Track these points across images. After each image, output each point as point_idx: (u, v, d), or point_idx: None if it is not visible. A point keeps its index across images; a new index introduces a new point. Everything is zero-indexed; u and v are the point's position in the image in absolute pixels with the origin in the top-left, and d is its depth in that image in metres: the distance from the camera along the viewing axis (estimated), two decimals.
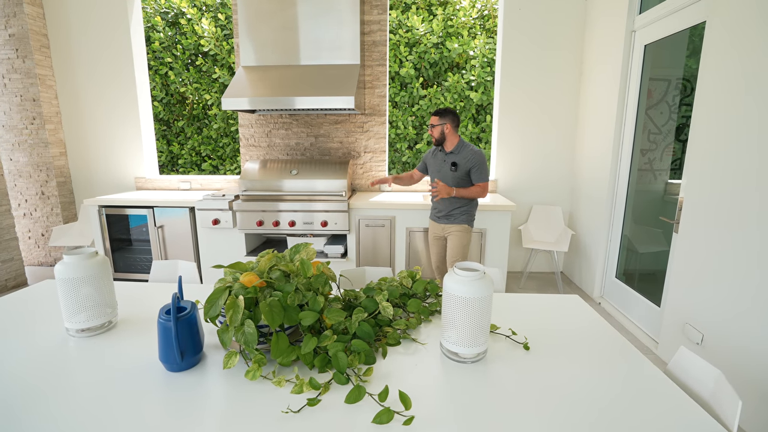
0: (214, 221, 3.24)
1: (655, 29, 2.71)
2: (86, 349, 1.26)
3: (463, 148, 2.56)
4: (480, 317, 1.20)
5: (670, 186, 3.11)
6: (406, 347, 1.33)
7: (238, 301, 1.14)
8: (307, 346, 1.17)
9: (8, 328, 1.40)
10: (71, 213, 4.15)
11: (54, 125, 3.93)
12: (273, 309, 1.16)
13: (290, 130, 3.75)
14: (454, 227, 2.68)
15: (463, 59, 5.26)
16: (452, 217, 2.68)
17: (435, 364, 1.21)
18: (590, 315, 1.54)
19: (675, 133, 3.06)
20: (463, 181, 2.59)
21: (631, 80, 2.95)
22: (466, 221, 2.68)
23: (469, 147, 2.56)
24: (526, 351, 1.29)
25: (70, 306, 1.32)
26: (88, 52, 3.88)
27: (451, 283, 1.23)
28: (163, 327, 1.16)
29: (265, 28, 3.27)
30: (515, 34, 3.56)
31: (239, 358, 1.15)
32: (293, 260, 1.40)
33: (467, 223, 2.68)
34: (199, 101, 6.02)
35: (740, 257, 1.90)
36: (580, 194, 3.65)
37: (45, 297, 1.67)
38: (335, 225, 3.17)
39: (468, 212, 2.68)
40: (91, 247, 1.47)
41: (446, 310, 1.24)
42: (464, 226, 2.67)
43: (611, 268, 3.24)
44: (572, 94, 3.65)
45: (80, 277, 1.32)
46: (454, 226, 2.68)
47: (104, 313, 1.38)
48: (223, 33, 5.54)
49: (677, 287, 2.35)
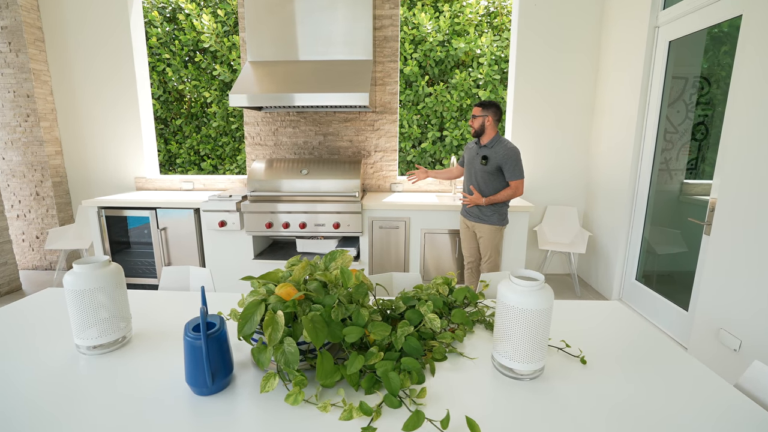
0: (220, 223, 3.10)
1: (681, 25, 2.63)
2: (100, 369, 1.14)
3: (498, 143, 2.50)
4: (540, 331, 1.10)
5: (686, 186, 3.04)
6: (454, 362, 1.22)
7: (277, 317, 1.02)
8: (354, 366, 1.06)
9: (10, 343, 1.26)
10: (67, 214, 3.97)
11: (49, 122, 3.75)
12: (316, 325, 1.04)
13: (298, 128, 3.62)
14: (485, 227, 2.62)
15: (470, 57, 5.16)
16: (482, 218, 2.62)
17: (489, 382, 1.10)
18: (637, 323, 1.45)
19: (691, 132, 2.99)
20: (492, 177, 2.52)
21: (654, 77, 2.87)
22: (497, 221, 2.61)
23: (504, 142, 2.50)
24: (582, 365, 1.19)
25: (82, 320, 1.19)
26: (85, 46, 3.71)
27: (509, 293, 1.12)
28: (190, 346, 1.03)
29: (273, 22, 3.14)
30: (530, 30, 3.47)
31: (278, 380, 1.03)
32: (328, 268, 1.28)
33: (498, 223, 2.62)
34: (198, 99, 5.86)
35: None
36: (595, 195, 3.57)
37: (47, 308, 1.53)
38: (348, 227, 3.05)
39: (498, 211, 2.62)
40: (104, 256, 1.34)
41: (501, 322, 1.14)
42: (495, 226, 2.61)
43: (631, 270, 3.16)
44: (587, 91, 3.57)
45: (92, 288, 1.19)
46: (484, 226, 2.62)
47: (118, 328, 1.25)
48: (224, 29, 5.38)
49: (709, 291, 2.27)
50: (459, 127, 5.30)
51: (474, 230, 2.71)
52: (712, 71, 2.84)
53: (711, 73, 2.85)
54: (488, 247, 2.65)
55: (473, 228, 2.71)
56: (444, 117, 5.37)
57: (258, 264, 3.22)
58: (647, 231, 3.09)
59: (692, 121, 2.98)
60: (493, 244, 2.64)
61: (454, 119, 5.38)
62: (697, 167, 3.06)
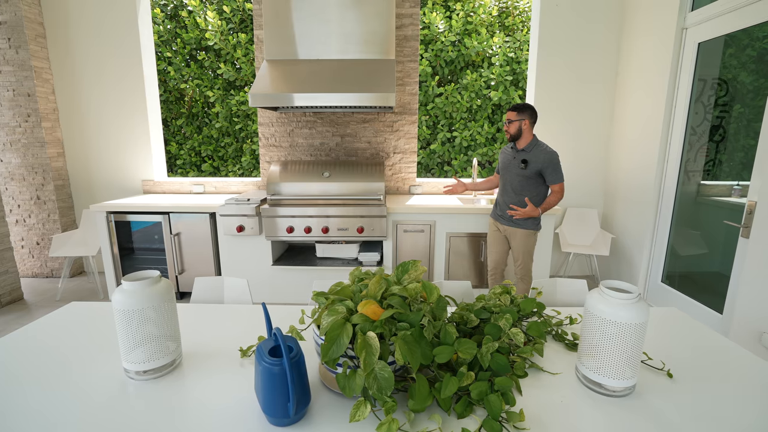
0: (238, 228, 2.98)
1: (712, 27, 2.61)
2: (154, 396, 1.04)
3: (537, 146, 2.45)
4: (635, 346, 1.04)
5: (702, 187, 3.04)
6: (535, 378, 1.16)
7: (369, 340, 0.94)
8: (448, 389, 0.98)
9: (49, 369, 1.15)
10: (70, 219, 3.80)
11: (51, 123, 3.58)
12: (411, 346, 0.96)
13: (314, 129, 3.52)
14: (520, 232, 2.56)
15: (480, 58, 5.12)
16: (519, 223, 2.56)
17: (581, 400, 1.04)
18: (700, 329, 1.42)
19: (709, 134, 2.98)
20: (531, 181, 2.47)
21: (681, 79, 2.85)
22: (532, 226, 2.56)
23: (543, 146, 2.45)
24: (669, 379, 1.14)
25: (131, 342, 1.09)
26: (89, 43, 3.54)
27: (602, 306, 1.07)
28: (269, 372, 0.94)
29: (292, 20, 3.03)
30: (550, 31, 3.43)
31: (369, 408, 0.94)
32: (401, 281, 1.20)
33: (533, 227, 2.56)
34: (199, 99, 5.69)
35: None
36: (616, 196, 3.55)
37: (78, 325, 1.41)
38: (372, 231, 2.96)
39: (537, 217, 2.56)
40: (153, 270, 1.23)
41: (592, 336, 1.08)
42: (530, 231, 2.56)
43: (656, 272, 3.14)
44: (606, 94, 3.55)
45: (144, 308, 1.09)
46: (519, 231, 2.56)
47: (169, 351, 1.15)
48: (228, 27, 5.24)
49: (749, 294, 2.25)
50: (469, 128, 5.25)
51: (506, 234, 2.65)
52: (733, 73, 2.83)
53: (731, 74, 2.84)
54: (521, 252, 2.60)
55: (505, 232, 2.64)
56: (454, 118, 5.32)
57: (277, 270, 3.11)
58: (672, 233, 3.08)
59: (710, 123, 2.98)
60: (527, 248, 2.58)
61: (464, 120, 5.33)
62: (715, 169, 3.06)
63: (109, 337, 1.33)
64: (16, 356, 1.21)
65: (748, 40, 2.67)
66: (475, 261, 3.13)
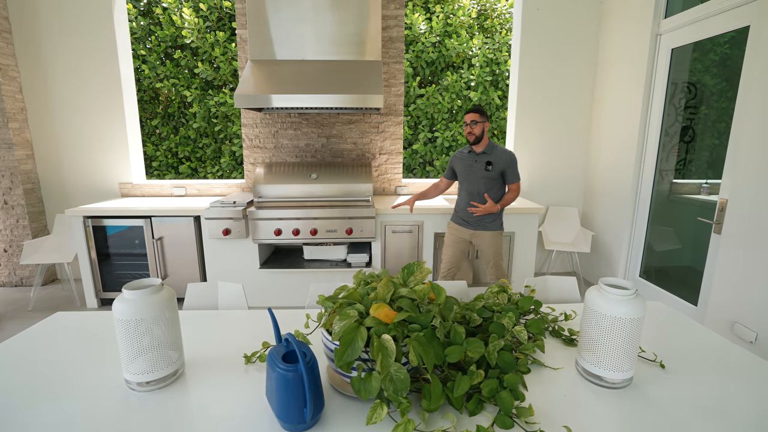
0: (225, 231, 2.92)
1: (684, 33, 2.75)
2: (158, 407, 1.01)
3: (495, 148, 2.54)
4: (633, 339, 1.10)
5: (675, 186, 3.21)
6: (538, 374, 1.20)
7: (385, 342, 0.95)
8: (461, 388, 1.00)
9: (44, 383, 1.10)
10: (41, 225, 3.61)
11: (19, 123, 3.39)
12: (424, 347, 0.98)
13: (299, 130, 3.48)
14: (487, 234, 2.61)
15: (461, 59, 5.20)
16: (485, 225, 2.61)
17: (583, 393, 1.09)
18: (685, 322, 1.51)
19: (680, 135, 3.15)
20: (494, 182, 2.54)
21: (656, 83, 2.99)
22: (499, 227, 2.64)
23: (499, 147, 2.55)
24: (662, 369, 1.21)
25: (132, 352, 1.05)
26: (60, 38, 3.37)
27: (602, 302, 1.12)
28: (284, 378, 0.93)
29: (277, 20, 2.99)
30: (531, 34, 3.52)
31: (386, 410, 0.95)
32: (407, 283, 1.21)
33: (500, 228, 2.64)
34: (175, 98, 5.52)
35: None
36: (595, 195, 3.69)
37: (67, 336, 1.35)
38: (361, 232, 2.96)
39: (500, 217, 2.65)
40: (155, 278, 1.20)
41: (592, 331, 1.13)
42: (497, 232, 2.63)
43: (634, 267, 3.28)
44: (586, 95, 3.68)
45: (146, 317, 1.05)
46: (487, 233, 2.61)
47: (172, 360, 1.11)
48: (206, 24, 5.10)
49: (722, 287, 2.38)
50: (450, 128, 5.32)
51: (472, 240, 2.66)
52: (699, 77, 3.00)
53: (698, 79, 3.01)
54: (491, 254, 2.64)
55: (472, 237, 2.65)
56: (435, 118, 5.38)
57: (265, 274, 3.06)
58: (649, 229, 3.23)
59: (681, 124, 3.14)
60: (496, 249, 2.63)
61: (445, 121, 5.39)
62: (685, 168, 3.23)
63: (104, 347, 1.28)
64: (5, 371, 1.14)
65: (710, 45, 2.84)
66: (466, 260, 3.18)
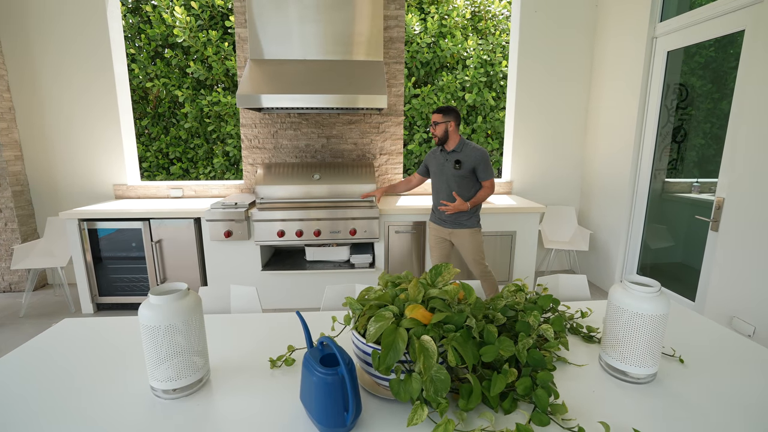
0: (226, 233, 2.87)
1: (680, 37, 2.82)
2: (186, 415, 0.99)
3: (466, 146, 2.51)
4: (658, 335, 1.12)
5: (667, 185, 3.30)
6: (563, 371, 1.22)
7: (426, 344, 0.95)
8: (497, 387, 1.01)
9: (64, 391, 1.07)
10: (30, 228, 3.49)
11: (6, 123, 3.27)
12: (463, 347, 0.98)
13: (299, 130, 3.45)
14: (464, 232, 2.60)
15: (455, 59, 5.23)
16: (460, 223, 2.60)
17: (609, 389, 1.11)
18: (690, 316, 1.54)
19: (672, 135, 3.24)
20: (466, 180, 2.52)
21: (653, 85, 3.06)
22: (475, 224, 2.62)
23: (471, 145, 2.51)
24: (681, 364, 1.24)
25: (158, 359, 1.03)
26: (50, 34, 3.26)
27: (628, 299, 1.15)
28: (323, 382, 0.93)
29: (279, 19, 2.96)
30: (529, 36, 3.57)
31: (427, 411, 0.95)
32: (435, 284, 1.21)
33: (475, 225, 2.62)
34: (165, 98, 5.41)
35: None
36: (592, 194, 3.76)
37: (80, 344, 1.31)
38: (365, 233, 2.95)
39: (476, 214, 2.62)
40: (180, 283, 1.17)
41: (617, 327, 1.16)
42: (473, 229, 2.61)
43: (632, 265, 3.36)
44: (582, 96, 3.74)
45: (173, 324, 1.03)
46: (464, 231, 2.60)
47: (197, 367, 1.09)
48: (198, 23, 5.01)
49: (719, 283, 2.46)
50: None
51: (450, 238, 2.67)
52: (688, 79, 3.09)
53: (688, 81, 3.09)
54: (470, 252, 2.62)
55: (450, 236, 2.66)
56: (430, 119, 5.40)
57: (267, 276, 3.03)
58: (645, 227, 3.30)
59: (673, 125, 3.23)
60: (475, 247, 2.61)
61: None
62: (676, 167, 3.32)
63: (121, 353, 1.25)
64: (21, 381, 1.10)
65: (696, 48, 2.93)
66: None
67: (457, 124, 2.53)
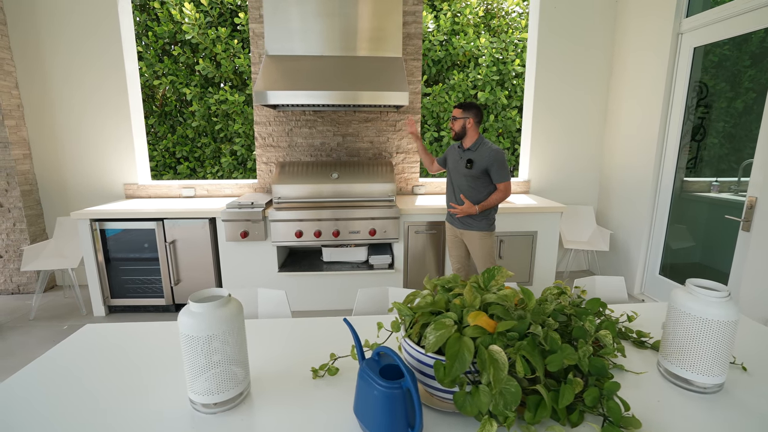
0: (243, 234, 2.80)
1: (707, 33, 2.76)
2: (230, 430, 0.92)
3: (482, 145, 2.40)
4: (726, 343, 1.06)
5: (686, 184, 3.23)
6: (620, 378, 1.16)
7: (496, 354, 0.88)
8: (566, 398, 0.94)
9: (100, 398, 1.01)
10: (39, 228, 3.41)
11: (15, 121, 3.19)
12: (533, 357, 0.91)
13: (314, 128, 3.38)
14: (474, 234, 2.51)
15: (467, 57, 5.16)
16: (471, 224, 2.51)
17: (674, 398, 1.05)
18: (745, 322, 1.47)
19: (692, 134, 3.18)
20: (478, 181, 2.43)
21: (677, 81, 3.00)
22: (485, 227, 2.49)
23: (487, 145, 2.40)
24: (745, 372, 1.18)
25: (198, 371, 0.96)
26: (59, 30, 3.19)
27: (693, 304, 1.09)
28: (386, 396, 0.86)
29: (294, 14, 2.89)
30: (548, 32, 3.50)
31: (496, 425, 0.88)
32: (488, 288, 1.15)
33: (486, 228, 2.49)
34: (171, 96, 5.34)
35: None
36: (611, 193, 3.69)
37: (108, 352, 1.24)
38: (384, 233, 2.88)
39: (488, 216, 2.49)
40: (220, 288, 1.10)
41: (681, 334, 1.09)
42: (482, 232, 2.50)
43: (654, 265, 3.29)
44: (601, 93, 3.68)
45: (215, 334, 0.95)
46: (473, 233, 2.51)
47: (239, 379, 1.02)
48: (206, 20, 4.94)
49: (751, 283, 2.39)
50: None
51: (462, 238, 2.60)
52: (711, 76, 3.03)
53: (711, 78, 3.03)
54: (479, 256, 2.53)
55: (462, 236, 2.59)
56: (441, 117, 5.33)
57: (284, 277, 2.96)
58: (669, 227, 3.24)
59: (692, 123, 3.16)
60: (484, 251, 2.51)
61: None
62: (696, 166, 3.26)
63: (154, 362, 1.18)
64: (48, 392, 1.02)
65: (710, 46, 2.87)
66: None
67: (477, 121, 2.45)
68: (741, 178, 2.96)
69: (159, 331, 1.37)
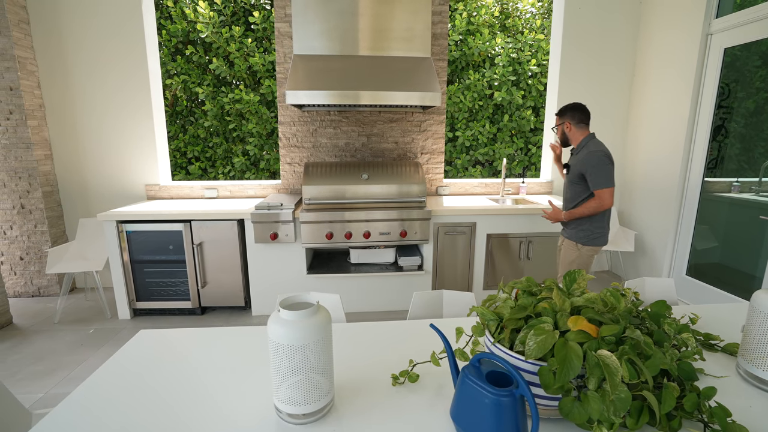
0: (272, 235, 2.77)
1: (739, 33, 2.77)
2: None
3: (584, 147, 2.24)
4: None
5: (706, 184, 3.23)
6: (700, 383, 1.13)
7: (608, 360, 0.86)
8: (668, 403, 0.93)
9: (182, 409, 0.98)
10: (59, 230, 3.36)
11: (37, 121, 3.14)
12: (638, 362, 0.90)
13: (339, 128, 3.36)
14: (567, 242, 2.40)
15: (482, 57, 5.16)
16: (565, 231, 2.43)
17: (763, 404, 1.03)
18: None
19: (713, 133, 3.18)
20: (577, 187, 2.27)
21: (706, 82, 3.00)
22: (579, 238, 2.30)
23: (590, 147, 2.21)
24: None
25: (286, 380, 0.93)
26: (82, 30, 3.14)
27: None
28: (497, 404, 0.85)
29: (325, 14, 2.86)
30: (573, 33, 3.49)
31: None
32: (571, 291, 1.13)
33: (579, 240, 2.30)
34: (181, 95, 5.29)
35: None
36: (635, 193, 3.69)
37: (172, 358, 1.22)
38: (415, 234, 2.86)
39: (581, 226, 2.29)
40: (307, 293, 1.07)
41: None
42: (573, 243, 2.32)
43: (680, 266, 3.30)
44: (623, 94, 3.68)
45: (307, 343, 0.92)
46: (566, 242, 2.40)
47: (326, 390, 0.99)
48: (220, 19, 4.89)
49: None
50: (470, 127, 5.27)
51: (559, 245, 2.52)
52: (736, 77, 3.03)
53: (734, 78, 3.04)
54: (563, 263, 2.39)
55: (560, 241, 2.50)
56: (456, 117, 5.32)
57: (312, 279, 2.93)
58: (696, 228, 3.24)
59: (714, 123, 3.17)
60: (568, 261, 2.32)
61: (466, 120, 5.34)
62: (717, 167, 3.27)
63: (217, 372, 1.15)
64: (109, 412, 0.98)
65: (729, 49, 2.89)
66: (513, 262, 3.13)
67: (576, 122, 2.28)
68: (762, 179, 2.98)
69: (221, 336, 1.34)
